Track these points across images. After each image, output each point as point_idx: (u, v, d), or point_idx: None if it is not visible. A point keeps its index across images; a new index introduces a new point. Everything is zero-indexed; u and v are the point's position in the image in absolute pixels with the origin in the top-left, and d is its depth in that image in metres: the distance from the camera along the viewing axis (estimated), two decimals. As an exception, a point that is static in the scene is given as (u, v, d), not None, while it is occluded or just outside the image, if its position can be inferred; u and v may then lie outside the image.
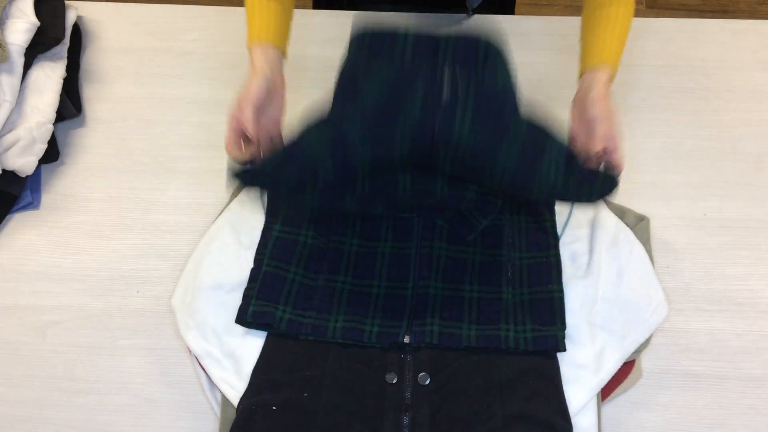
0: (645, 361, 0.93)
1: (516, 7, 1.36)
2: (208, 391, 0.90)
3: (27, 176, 1.05)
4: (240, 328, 0.91)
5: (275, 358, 0.89)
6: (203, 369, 0.90)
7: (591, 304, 0.91)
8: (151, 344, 0.96)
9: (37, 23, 1.05)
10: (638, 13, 1.86)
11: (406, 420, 0.84)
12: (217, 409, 0.90)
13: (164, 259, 1.01)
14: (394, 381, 0.87)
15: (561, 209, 0.99)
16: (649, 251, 0.96)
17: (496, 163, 0.82)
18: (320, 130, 0.85)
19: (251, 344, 0.90)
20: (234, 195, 1.03)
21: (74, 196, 1.07)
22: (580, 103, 0.89)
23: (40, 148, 1.04)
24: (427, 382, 0.87)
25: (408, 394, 0.86)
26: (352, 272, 0.95)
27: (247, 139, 0.87)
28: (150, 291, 0.99)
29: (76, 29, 1.17)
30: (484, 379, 0.86)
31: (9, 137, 1.01)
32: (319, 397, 0.85)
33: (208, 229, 0.99)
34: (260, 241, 0.97)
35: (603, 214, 0.98)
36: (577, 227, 0.97)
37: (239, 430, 0.84)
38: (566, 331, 0.89)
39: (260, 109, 0.88)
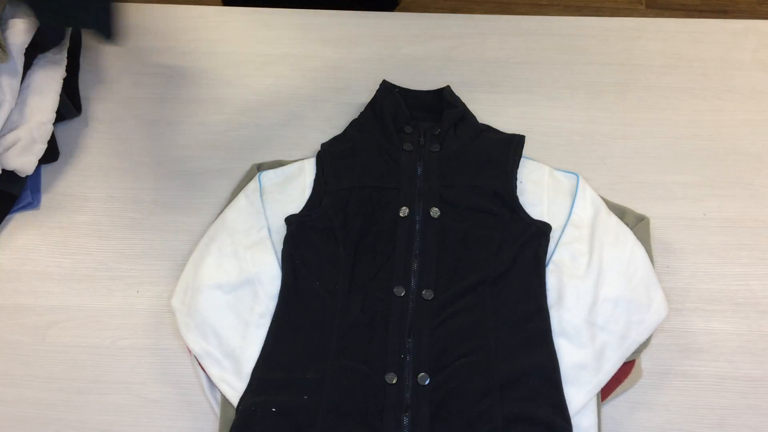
0: (645, 361, 0.93)
1: (516, 7, 1.36)
2: (208, 391, 0.91)
3: (27, 176, 1.05)
4: (240, 328, 0.91)
5: (275, 358, 0.89)
6: (203, 369, 0.90)
7: (591, 304, 0.91)
8: (151, 344, 0.96)
9: (38, 23, 1.05)
10: (638, 13, 1.86)
11: (406, 420, 0.84)
12: (217, 409, 0.90)
13: (164, 259, 1.01)
14: (394, 381, 0.87)
15: (560, 209, 0.99)
16: (649, 251, 0.96)
17: None
18: None
19: (251, 344, 0.90)
20: (234, 195, 1.03)
21: (74, 196, 1.07)
22: None
23: (40, 148, 1.04)
24: (427, 382, 0.87)
25: (408, 394, 0.86)
26: None
27: None
28: (150, 291, 0.99)
29: (76, 29, 1.17)
30: (484, 379, 0.86)
31: (9, 137, 1.01)
32: (318, 399, 0.85)
33: (208, 229, 0.99)
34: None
35: (603, 214, 0.98)
36: (577, 227, 0.97)
37: (239, 430, 0.84)
38: (566, 331, 0.89)
39: None
